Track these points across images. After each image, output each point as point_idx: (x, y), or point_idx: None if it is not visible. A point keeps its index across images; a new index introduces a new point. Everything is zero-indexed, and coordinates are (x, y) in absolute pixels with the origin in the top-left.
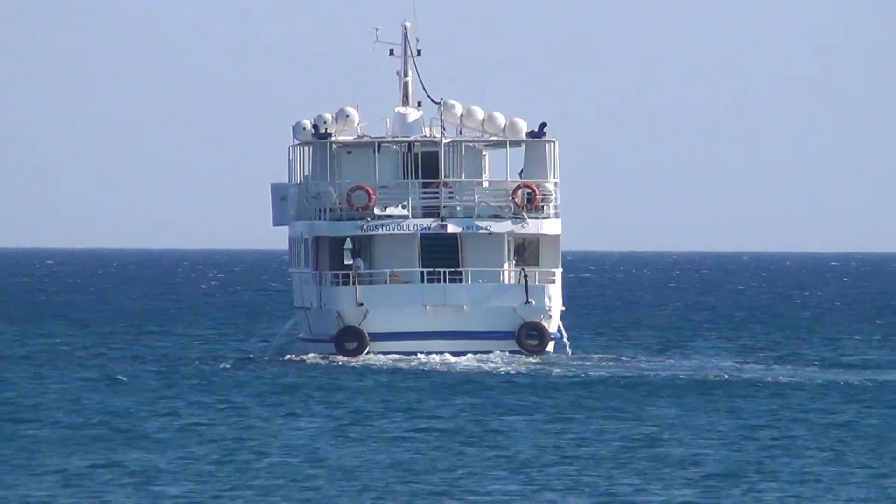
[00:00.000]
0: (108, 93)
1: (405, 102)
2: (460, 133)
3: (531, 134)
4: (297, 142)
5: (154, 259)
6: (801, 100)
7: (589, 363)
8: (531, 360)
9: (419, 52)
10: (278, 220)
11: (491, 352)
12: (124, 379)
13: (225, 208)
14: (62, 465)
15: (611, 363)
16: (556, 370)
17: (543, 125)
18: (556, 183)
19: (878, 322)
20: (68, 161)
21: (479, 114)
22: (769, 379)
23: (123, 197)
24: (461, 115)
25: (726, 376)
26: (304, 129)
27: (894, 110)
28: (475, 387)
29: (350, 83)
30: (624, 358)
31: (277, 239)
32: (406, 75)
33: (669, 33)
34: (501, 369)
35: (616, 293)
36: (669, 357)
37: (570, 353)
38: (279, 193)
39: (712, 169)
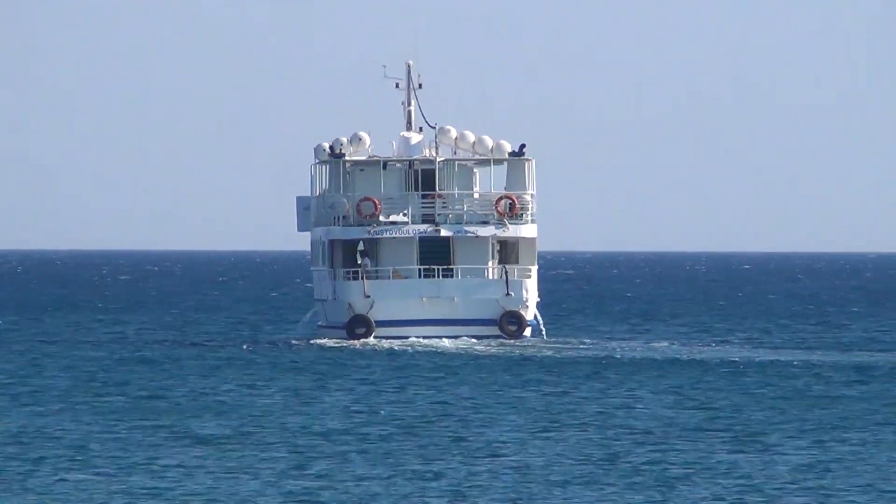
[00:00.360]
0: (158, 124)
1: (408, 128)
2: (454, 153)
3: (513, 154)
4: (316, 161)
5: (201, 260)
6: (758, 107)
7: (562, 346)
8: (512, 345)
9: (420, 86)
10: (302, 227)
11: (477, 337)
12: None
13: (257, 216)
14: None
15: (581, 345)
16: (529, 351)
17: (523, 146)
18: (532, 195)
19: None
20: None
21: (470, 137)
22: (685, 357)
23: (171, 205)
24: (455, 138)
25: (677, 356)
26: (323, 150)
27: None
28: (462, 364)
29: (362, 111)
30: (590, 341)
31: (302, 242)
32: (409, 105)
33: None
34: (478, 349)
35: (594, 289)
36: (633, 340)
37: (545, 337)
38: (303, 204)
39: (671, 177)
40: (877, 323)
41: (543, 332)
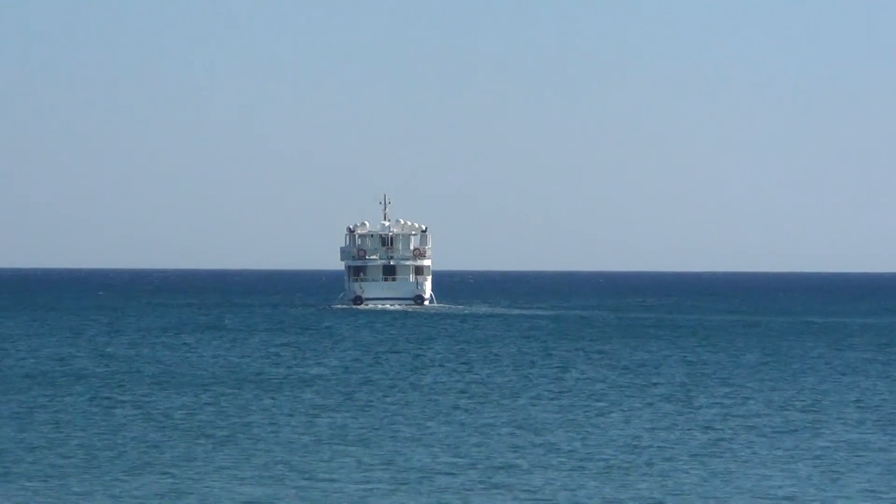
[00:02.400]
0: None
1: (384, 218)
2: (401, 230)
3: (423, 231)
4: (346, 231)
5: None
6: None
7: (439, 308)
8: (418, 307)
9: (390, 202)
10: (342, 258)
11: (404, 303)
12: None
13: (322, 255)
14: None
15: (448, 308)
16: (429, 310)
17: (426, 228)
18: (429, 247)
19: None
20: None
21: (408, 223)
22: (516, 313)
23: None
24: (401, 223)
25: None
26: (349, 228)
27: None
28: (405, 317)
29: (364, 210)
30: (456, 306)
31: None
32: (385, 209)
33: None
34: (410, 310)
35: (479, 286)
36: (490, 307)
37: (435, 304)
38: (344, 250)
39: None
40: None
41: (434, 303)
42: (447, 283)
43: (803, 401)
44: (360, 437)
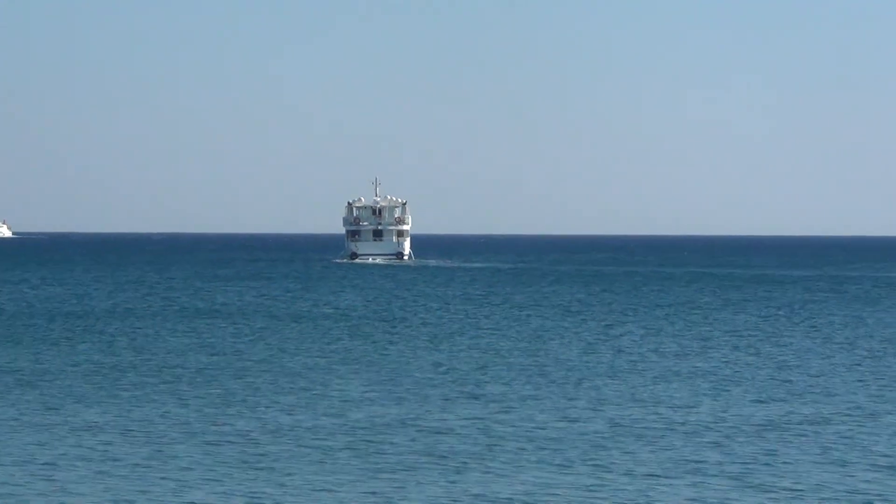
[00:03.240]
0: None
1: (375, 194)
2: (387, 203)
3: (403, 203)
4: (347, 204)
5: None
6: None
7: (416, 264)
8: (399, 261)
9: (380, 183)
10: (344, 224)
11: (388, 259)
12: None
13: (325, 220)
14: None
15: (422, 264)
16: (407, 264)
17: (405, 202)
18: (408, 216)
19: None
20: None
21: (392, 197)
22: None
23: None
24: (388, 198)
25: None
26: (349, 202)
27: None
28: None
29: (362, 186)
30: (431, 261)
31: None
32: (376, 187)
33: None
34: (394, 263)
35: (449, 246)
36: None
37: (413, 259)
38: (345, 219)
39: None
40: None
41: (412, 259)
42: (457, 243)
43: (694, 331)
44: (362, 359)
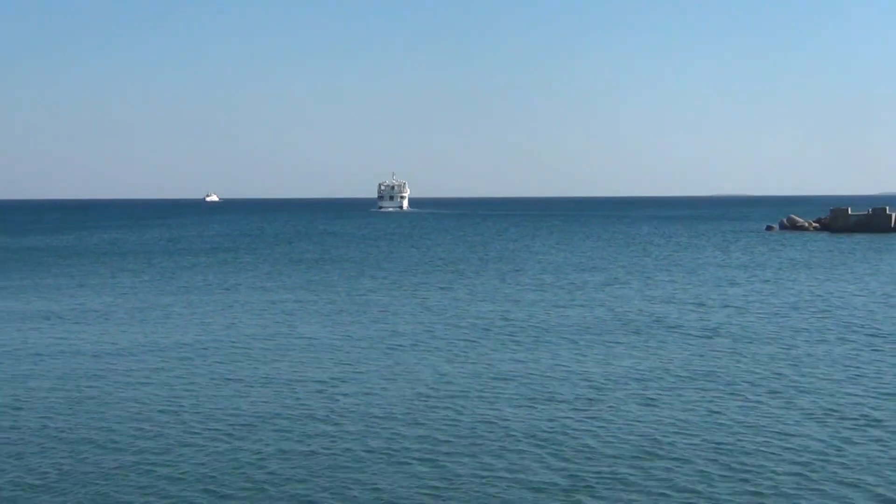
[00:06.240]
0: None
1: (392, 178)
2: (400, 183)
3: (405, 183)
4: (378, 185)
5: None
6: None
7: (415, 211)
8: (402, 210)
9: (394, 173)
10: (377, 193)
11: (397, 209)
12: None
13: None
14: None
15: (416, 212)
16: (405, 211)
17: (405, 182)
18: (408, 189)
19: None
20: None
21: (401, 180)
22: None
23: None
24: (399, 181)
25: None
26: (379, 184)
27: None
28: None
29: (383, 173)
30: (416, 210)
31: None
32: (393, 175)
33: None
34: (405, 210)
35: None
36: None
37: (408, 210)
38: (378, 190)
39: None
40: None
41: (408, 209)
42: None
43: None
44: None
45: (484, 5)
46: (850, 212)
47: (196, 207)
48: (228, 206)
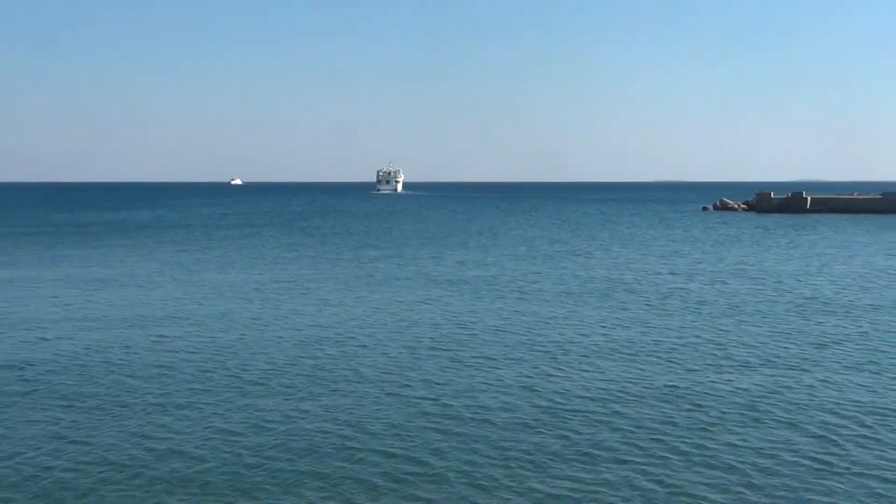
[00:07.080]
0: None
1: (389, 165)
2: (395, 170)
3: (399, 170)
4: (377, 171)
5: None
6: None
7: (406, 194)
8: (396, 192)
9: (391, 161)
10: (376, 178)
11: (393, 191)
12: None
13: (362, 176)
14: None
15: (408, 194)
16: (399, 193)
17: (399, 169)
18: (402, 175)
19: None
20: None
21: (396, 167)
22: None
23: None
24: (394, 168)
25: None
26: (378, 170)
27: None
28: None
29: (382, 161)
30: (412, 193)
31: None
32: (389, 163)
33: None
34: (400, 193)
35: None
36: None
37: (402, 192)
38: (377, 175)
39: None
40: None
41: (402, 191)
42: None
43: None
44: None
45: (467, 7)
46: (772, 195)
47: (224, 189)
48: (250, 189)
